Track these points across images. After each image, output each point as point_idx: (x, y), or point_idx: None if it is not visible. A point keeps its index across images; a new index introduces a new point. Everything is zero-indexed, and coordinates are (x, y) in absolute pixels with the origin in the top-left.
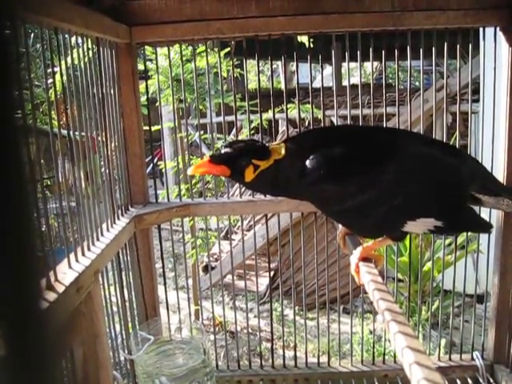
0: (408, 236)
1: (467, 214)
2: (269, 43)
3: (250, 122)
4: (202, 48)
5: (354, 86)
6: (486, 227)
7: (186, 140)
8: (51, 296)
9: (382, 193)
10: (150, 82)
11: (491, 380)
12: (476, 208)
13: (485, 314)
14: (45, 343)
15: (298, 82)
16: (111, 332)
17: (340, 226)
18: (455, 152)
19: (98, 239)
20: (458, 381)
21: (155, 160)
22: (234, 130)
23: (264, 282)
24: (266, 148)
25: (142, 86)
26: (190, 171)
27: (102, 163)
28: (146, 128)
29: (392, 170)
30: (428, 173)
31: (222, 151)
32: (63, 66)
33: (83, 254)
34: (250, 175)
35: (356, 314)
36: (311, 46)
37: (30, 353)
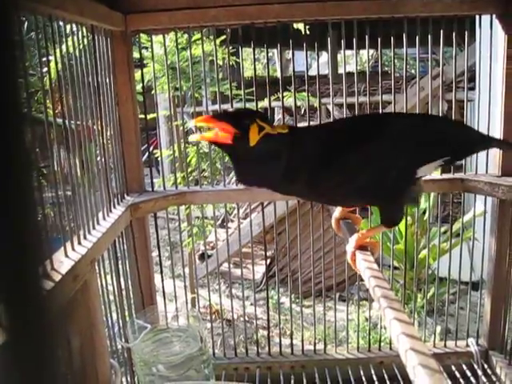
0: (403, 223)
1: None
2: (264, 31)
3: None
4: (197, 36)
5: (349, 74)
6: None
7: (181, 128)
8: (48, 285)
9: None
10: (145, 70)
11: (486, 366)
12: (472, 194)
13: (480, 301)
14: (46, 325)
15: (293, 70)
16: (108, 320)
17: (335, 209)
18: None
19: (94, 228)
20: (452, 367)
21: (151, 148)
22: None
23: (260, 269)
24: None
25: (137, 74)
26: (193, 138)
27: (98, 152)
28: (142, 116)
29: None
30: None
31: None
32: (58, 55)
33: (79, 243)
34: (254, 136)
35: (352, 302)
36: (307, 32)
37: (31, 335)
